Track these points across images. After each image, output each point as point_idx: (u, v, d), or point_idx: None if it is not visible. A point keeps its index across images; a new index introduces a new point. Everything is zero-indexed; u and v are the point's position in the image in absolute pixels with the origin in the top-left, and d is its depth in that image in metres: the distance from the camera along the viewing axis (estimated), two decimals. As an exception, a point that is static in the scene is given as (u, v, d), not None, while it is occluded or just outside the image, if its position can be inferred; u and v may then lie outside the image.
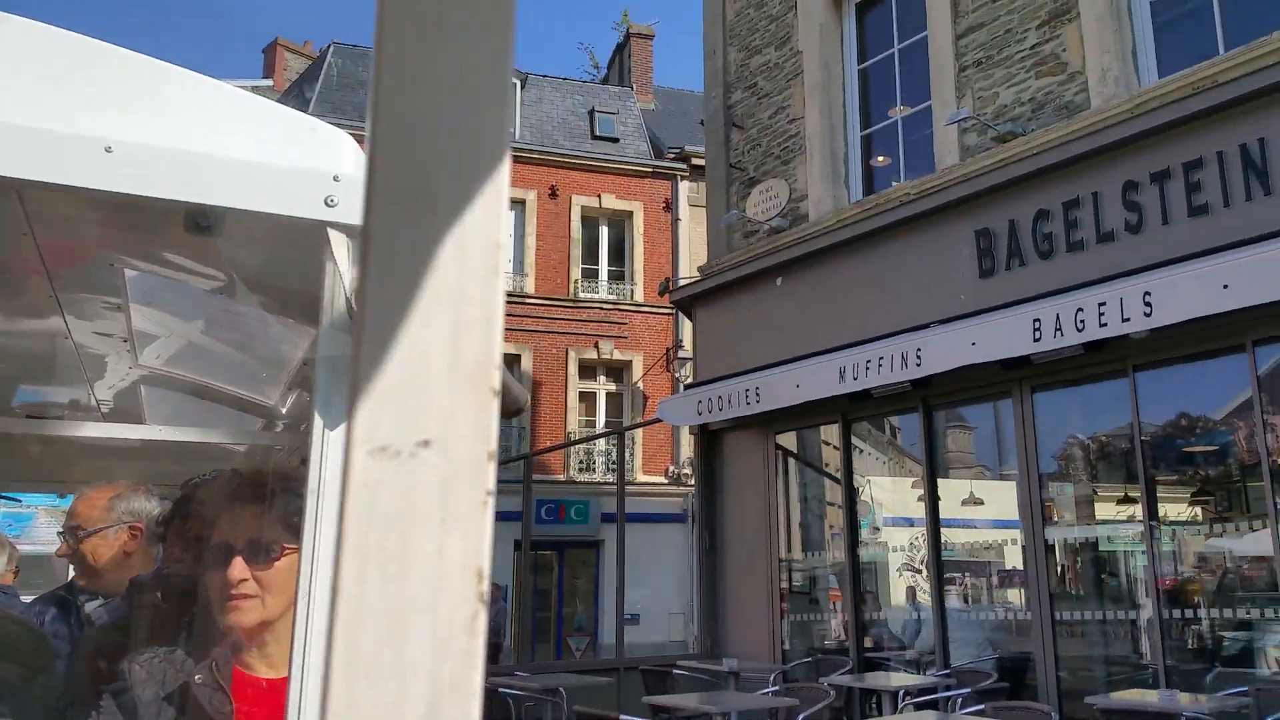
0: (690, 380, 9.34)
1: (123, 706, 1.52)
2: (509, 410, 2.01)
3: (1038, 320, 6.23)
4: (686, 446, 20.82)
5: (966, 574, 7.62)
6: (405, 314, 0.47)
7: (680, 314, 21.82)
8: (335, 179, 1.28)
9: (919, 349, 6.89)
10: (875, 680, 6.25)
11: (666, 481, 20.74)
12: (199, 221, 1.25)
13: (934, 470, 7.59)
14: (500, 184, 0.50)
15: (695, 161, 22.55)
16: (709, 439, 9.30)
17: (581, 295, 21.40)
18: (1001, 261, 7.18)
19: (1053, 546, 6.84)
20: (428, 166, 0.48)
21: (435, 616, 0.45)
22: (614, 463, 20.63)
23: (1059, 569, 6.88)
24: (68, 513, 2.45)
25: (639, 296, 21.78)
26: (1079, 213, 6.76)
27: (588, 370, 21.39)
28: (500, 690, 6.07)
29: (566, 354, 20.96)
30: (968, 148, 7.83)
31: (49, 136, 1.19)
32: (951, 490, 7.77)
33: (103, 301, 1.96)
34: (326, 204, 1.26)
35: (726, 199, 9.90)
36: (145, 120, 1.26)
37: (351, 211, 1.26)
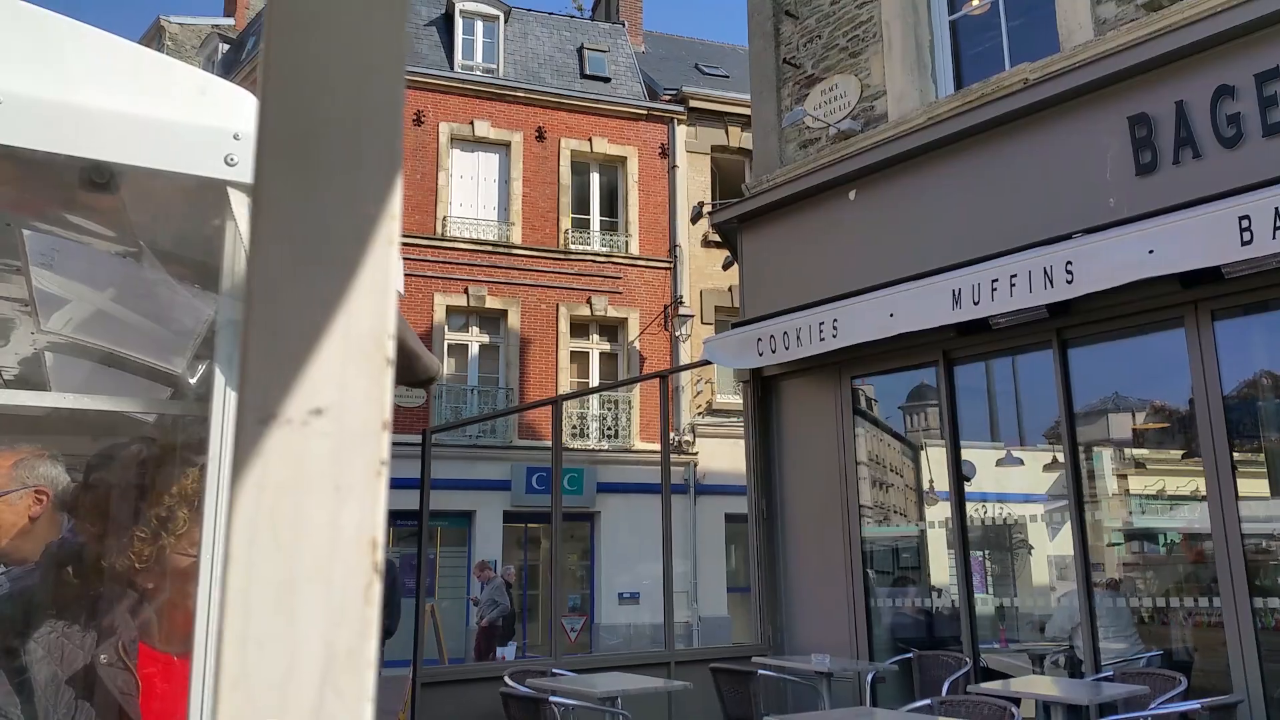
0: (739, 319, 7.76)
1: (18, 687, 1.42)
2: (420, 379, 2.03)
3: (1245, 218, 4.73)
4: (687, 412, 19.30)
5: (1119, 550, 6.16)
6: (296, 279, 0.46)
7: (678, 266, 20.31)
8: (235, 137, 1.28)
9: (1068, 263, 5.37)
10: (1072, 691, 4.75)
11: (666, 448, 19.18)
12: (94, 178, 1.26)
13: (1072, 422, 6.09)
14: (395, 150, 0.49)
15: (694, 104, 20.86)
16: (763, 386, 7.75)
17: (572, 247, 19.72)
18: (1167, 154, 5.67)
19: (1246, 520, 5.35)
20: (321, 127, 0.48)
21: (329, 586, 0.45)
22: (610, 428, 19.10)
23: (1260, 548, 5.41)
24: None
25: (634, 249, 20.14)
26: None
27: (580, 328, 19.75)
28: (552, 701, 4.55)
29: (557, 310, 19.31)
30: (1104, 21, 6.29)
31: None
32: (1093, 445, 6.29)
33: (1, 264, 1.97)
34: (226, 162, 1.25)
35: (777, 103, 8.30)
36: (37, 73, 1.26)
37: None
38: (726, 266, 18.86)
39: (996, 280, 5.68)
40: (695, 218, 18.08)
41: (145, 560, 1.51)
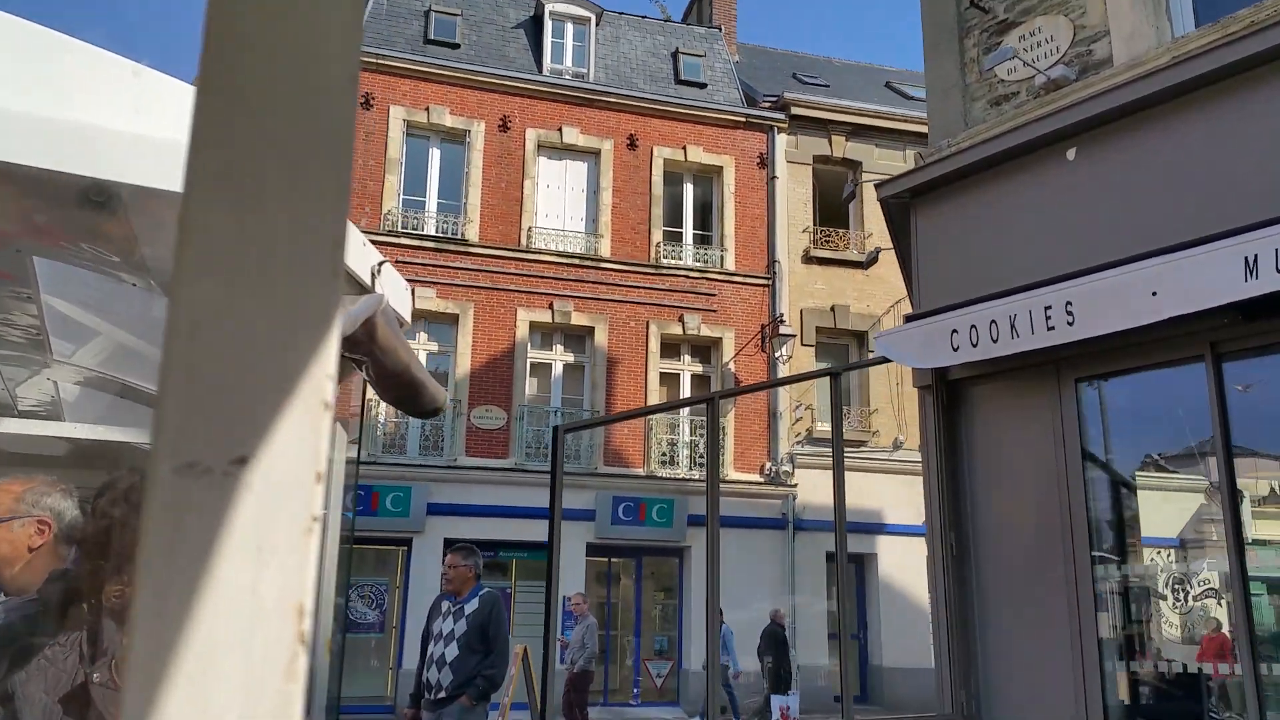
0: (915, 312, 6.37)
1: (11, 715, 1.46)
2: (425, 409, 1.95)
3: None
4: (785, 440, 17.85)
5: None
6: (222, 313, 0.43)
7: (777, 283, 18.94)
8: None
9: None
10: None
11: (763, 480, 17.79)
12: (92, 197, 1.28)
13: None
14: (342, 177, 0.46)
15: (795, 111, 19.64)
16: (950, 393, 6.33)
17: (664, 261, 18.56)
18: None
19: None
20: (260, 149, 0.45)
21: (248, 658, 0.42)
22: (701, 456, 17.65)
23: None
24: None
25: (729, 264, 18.89)
26: None
27: (670, 348, 18.51)
28: None
29: (647, 328, 18.10)
30: None
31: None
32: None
33: (11, 291, 2.02)
34: None
35: (959, 55, 6.96)
36: (32, 89, 1.26)
37: None
38: (848, 199, 17.03)
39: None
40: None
41: None
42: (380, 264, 1.82)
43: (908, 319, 6.52)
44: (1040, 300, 5.40)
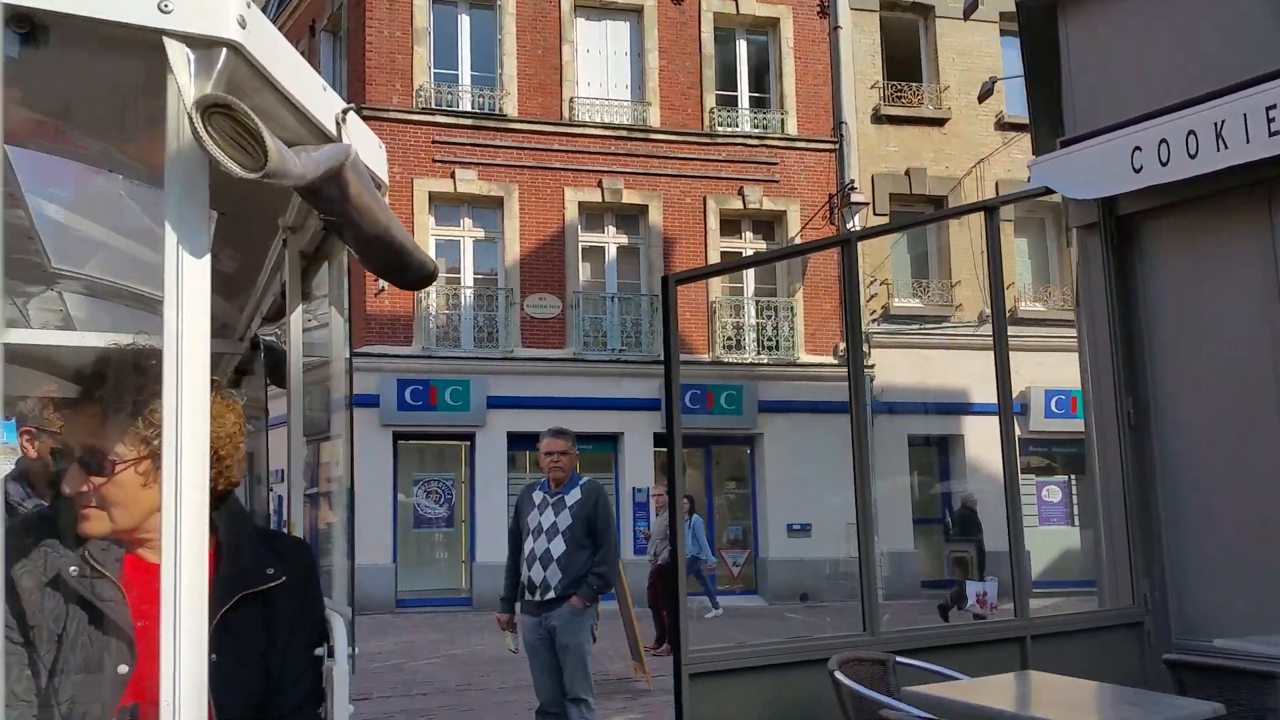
0: (1070, 136, 5.29)
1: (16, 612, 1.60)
2: (413, 280, 1.90)
3: None
4: (861, 318, 16.76)
5: None
6: None
7: (845, 147, 17.64)
8: None
9: None
10: None
11: (836, 362, 16.87)
12: (16, 28, 1.20)
13: None
14: None
15: (858, -49, 17.86)
16: (1121, 230, 5.31)
17: (719, 129, 17.29)
18: None
19: None
20: None
21: None
22: (769, 339, 16.83)
23: None
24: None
25: (791, 128, 17.61)
26: None
27: (730, 225, 17.46)
28: None
29: (704, 204, 17.03)
30: None
31: None
32: None
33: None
34: (160, 9, 1.22)
35: None
36: None
37: (190, 19, 1.24)
38: (984, 96, 15.93)
39: None
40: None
41: (127, 468, 1.62)
42: (345, 111, 1.64)
43: (1064, 143, 5.46)
44: (1259, 100, 4.32)
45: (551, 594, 4.97)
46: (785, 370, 16.72)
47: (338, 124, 1.61)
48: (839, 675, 3.49)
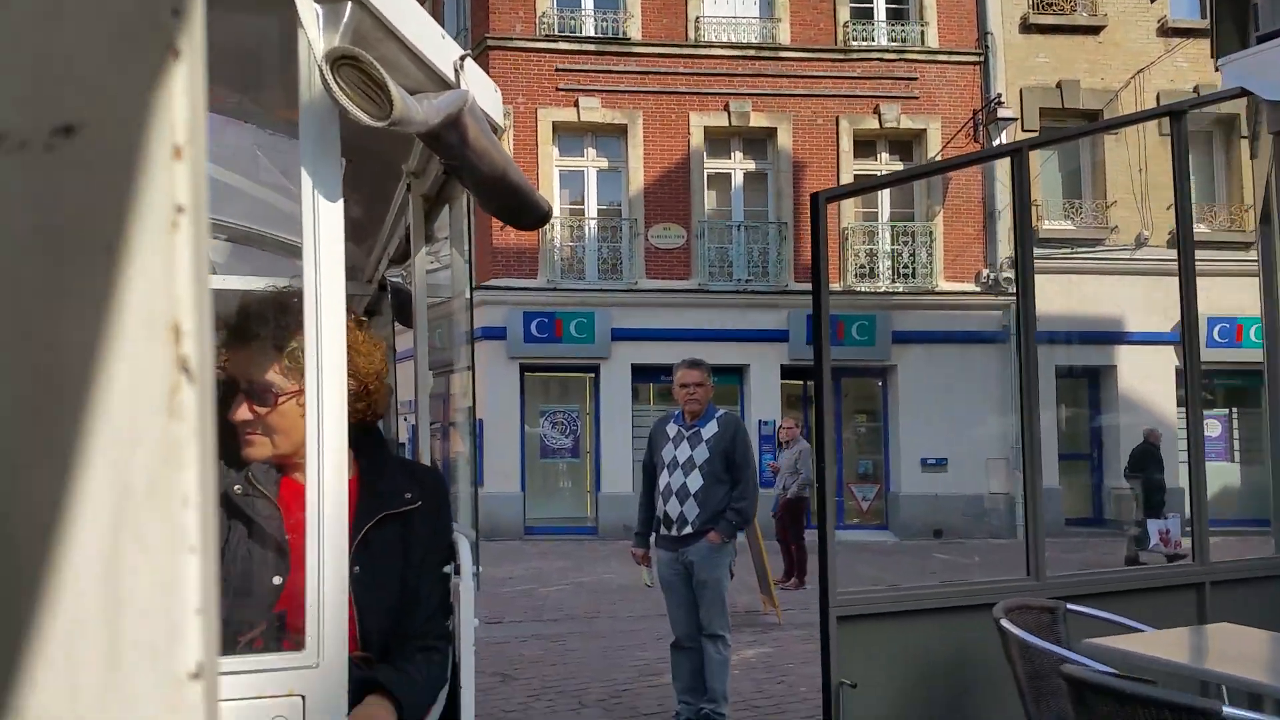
0: (1267, 30, 4.62)
1: None
2: (528, 221, 1.99)
3: None
4: (1005, 243, 15.93)
5: None
6: None
7: (990, 59, 16.50)
8: None
9: None
10: None
11: (979, 290, 16.09)
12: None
13: None
14: None
15: None
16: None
17: (854, 44, 16.44)
18: None
19: None
20: None
21: (103, 387, 0.33)
22: (906, 266, 16.15)
23: None
24: None
25: (931, 40, 16.61)
26: None
27: (865, 146, 16.71)
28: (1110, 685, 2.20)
29: (837, 124, 16.32)
30: None
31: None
32: None
33: None
34: None
35: None
36: None
37: None
38: None
39: None
40: None
41: (289, 399, 1.73)
42: (463, 58, 1.66)
43: (1261, 39, 4.81)
44: None
45: (689, 529, 4.88)
46: (922, 299, 16.03)
47: (456, 71, 1.66)
48: (1006, 623, 3.22)
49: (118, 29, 0.33)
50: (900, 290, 16.06)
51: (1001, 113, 15.71)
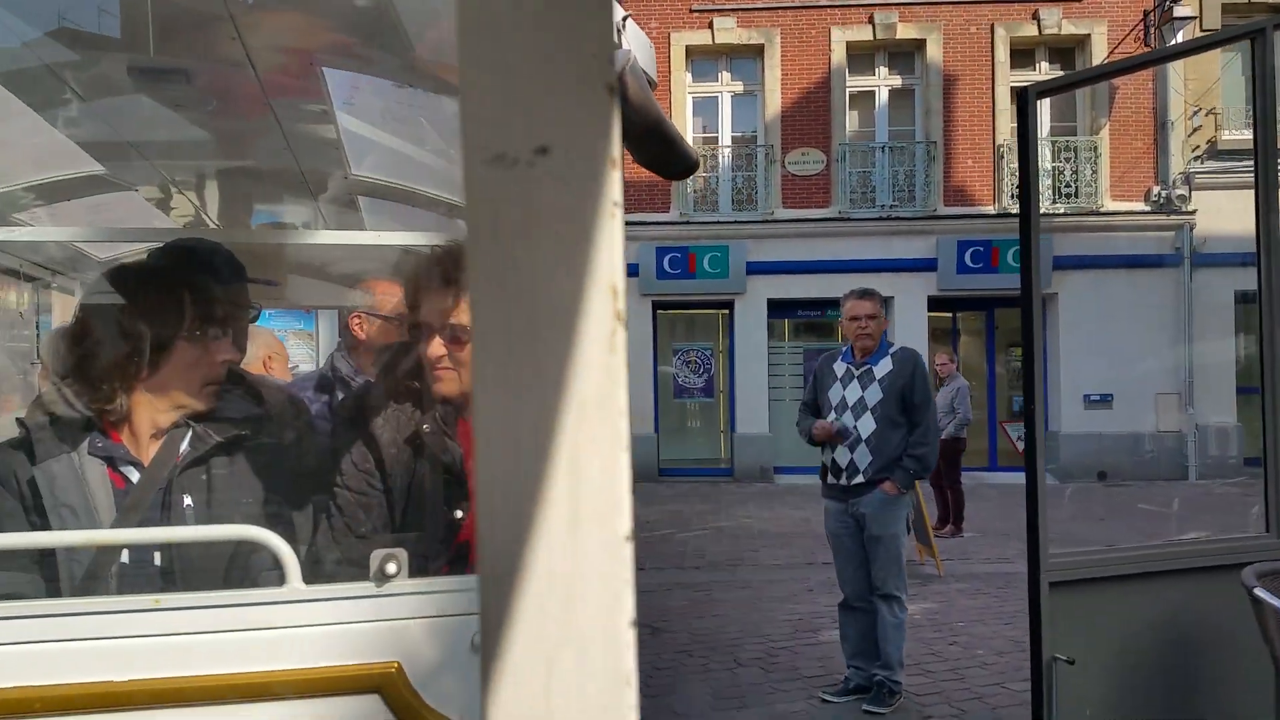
0: None
1: (370, 449, 1.92)
2: (678, 171, 2.04)
3: None
4: (1179, 157, 14.60)
5: None
6: (511, 4, 0.46)
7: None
8: None
9: None
10: None
11: (1150, 209, 14.83)
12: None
13: None
14: None
15: None
16: None
17: (1009, -57, 15.12)
18: None
19: None
20: None
21: (568, 331, 0.45)
22: (1069, 185, 15.03)
23: None
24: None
25: (1098, -66, 15.04)
26: None
27: (1022, 55, 15.52)
28: None
29: (992, 32, 15.18)
30: None
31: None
32: None
33: (311, 108, 2.42)
34: None
35: None
36: None
37: None
38: None
39: None
40: None
41: (439, 360, 1.90)
42: (625, 18, 1.77)
43: None
44: None
45: (860, 479, 4.49)
46: (1086, 220, 14.87)
47: (618, 31, 1.72)
48: (1261, 593, 2.76)
49: (576, 75, 0.46)
50: (1062, 211, 14.94)
51: (1178, 10, 14.21)
